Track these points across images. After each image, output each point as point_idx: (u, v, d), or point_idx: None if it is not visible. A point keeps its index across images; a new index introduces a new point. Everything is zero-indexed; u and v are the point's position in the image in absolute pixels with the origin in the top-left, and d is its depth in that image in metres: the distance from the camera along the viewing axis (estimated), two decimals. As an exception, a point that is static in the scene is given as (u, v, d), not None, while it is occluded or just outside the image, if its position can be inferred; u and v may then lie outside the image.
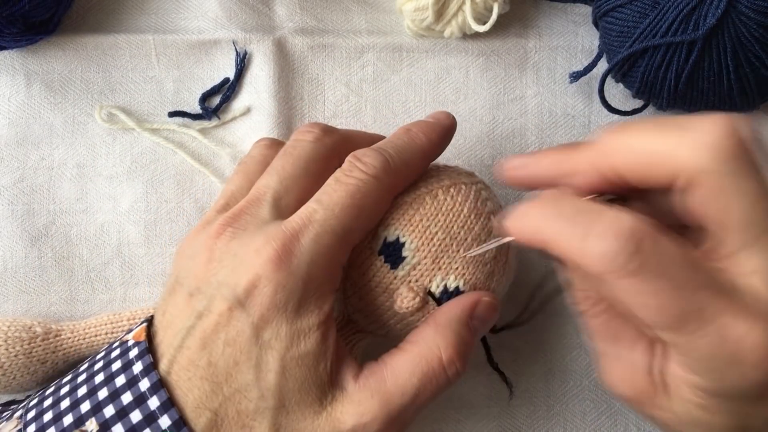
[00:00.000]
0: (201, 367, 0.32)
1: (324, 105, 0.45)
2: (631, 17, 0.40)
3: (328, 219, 0.33)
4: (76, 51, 0.44)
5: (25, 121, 0.44)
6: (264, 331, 0.32)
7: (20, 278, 0.43)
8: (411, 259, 0.35)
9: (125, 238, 0.44)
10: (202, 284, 0.33)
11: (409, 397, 0.33)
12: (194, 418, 0.32)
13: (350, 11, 0.46)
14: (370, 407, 0.32)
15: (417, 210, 0.35)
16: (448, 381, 0.34)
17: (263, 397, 0.32)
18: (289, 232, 0.32)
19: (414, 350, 0.34)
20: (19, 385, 0.40)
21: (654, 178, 0.28)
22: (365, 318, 0.36)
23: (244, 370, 0.32)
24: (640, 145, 0.28)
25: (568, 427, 0.44)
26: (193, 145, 0.45)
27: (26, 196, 0.44)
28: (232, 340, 0.32)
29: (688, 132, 0.27)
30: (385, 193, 0.35)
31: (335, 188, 0.34)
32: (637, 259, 0.26)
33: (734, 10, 0.38)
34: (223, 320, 0.32)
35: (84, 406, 0.33)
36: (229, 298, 0.32)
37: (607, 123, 0.45)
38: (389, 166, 0.35)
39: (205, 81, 0.45)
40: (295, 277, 0.32)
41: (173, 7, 0.45)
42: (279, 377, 0.32)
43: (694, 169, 0.26)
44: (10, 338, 0.39)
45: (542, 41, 0.46)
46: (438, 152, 0.38)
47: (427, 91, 0.45)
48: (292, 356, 0.32)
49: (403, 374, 0.33)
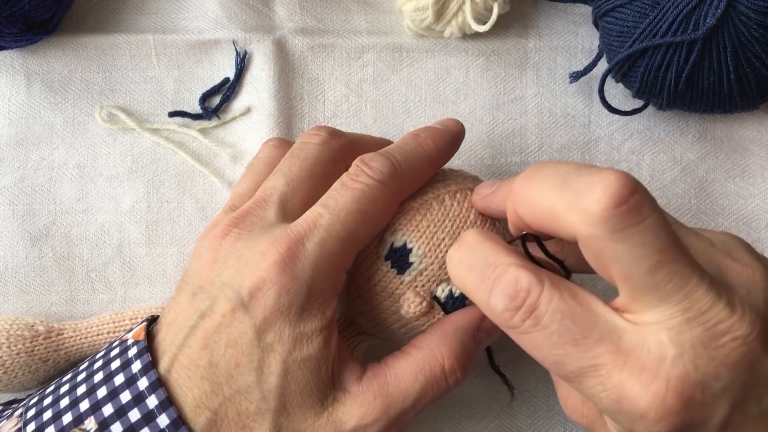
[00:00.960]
0: (202, 366, 0.32)
1: (324, 105, 0.45)
2: (631, 17, 0.40)
3: (334, 224, 0.33)
4: (76, 51, 0.44)
5: (25, 121, 0.44)
6: (266, 334, 0.32)
7: (21, 278, 0.43)
8: (418, 264, 0.35)
9: (126, 239, 0.44)
10: (206, 284, 0.33)
11: (410, 401, 0.33)
12: (193, 418, 0.32)
13: (350, 11, 0.46)
14: (373, 409, 0.33)
15: (424, 216, 0.35)
16: (448, 388, 0.34)
17: (264, 399, 0.32)
18: (294, 236, 0.33)
19: (418, 356, 0.34)
20: (20, 383, 0.40)
21: (555, 232, 0.29)
22: (369, 321, 0.37)
23: (245, 371, 0.32)
24: (539, 201, 0.29)
25: (568, 427, 0.44)
26: (194, 145, 0.45)
27: (27, 196, 0.44)
28: (234, 341, 0.32)
29: (579, 196, 0.27)
30: (391, 198, 0.35)
31: (341, 193, 0.34)
32: (532, 320, 0.28)
33: (734, 10, 0.38)
34: (225, 321, 0.32)
35: (83, 405, 0.33)
36: (233, 300, 0.32)
37: (607, 123, 0.45)
38: (396, 172, 0.35)
39: (205, 81, 0.45)
40: (299, 281, 0.32)
41: (173, 7, 0.45)
42: (281, 380, 0.32)
43: (581, 234, 0.27)
44: (12, 336, 0.40)
45: (542, 41, 0.46)
46: (445, 159, 0.38)
47: (427, 91, 0.45)
48: (294, 359, 0.32)
49: (406, 379, 0.33)
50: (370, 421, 0.33)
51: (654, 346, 0.27)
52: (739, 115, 0.45)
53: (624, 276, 0.27)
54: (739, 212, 0.45)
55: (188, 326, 0.33)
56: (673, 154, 0.45)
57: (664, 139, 0.45)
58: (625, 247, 0.27)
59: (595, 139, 0.45)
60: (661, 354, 0.27)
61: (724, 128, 0.46)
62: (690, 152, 0.45)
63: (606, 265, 0.28)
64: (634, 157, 0.45)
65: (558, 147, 0.45)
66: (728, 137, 0.45)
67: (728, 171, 0.45)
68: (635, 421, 0.27)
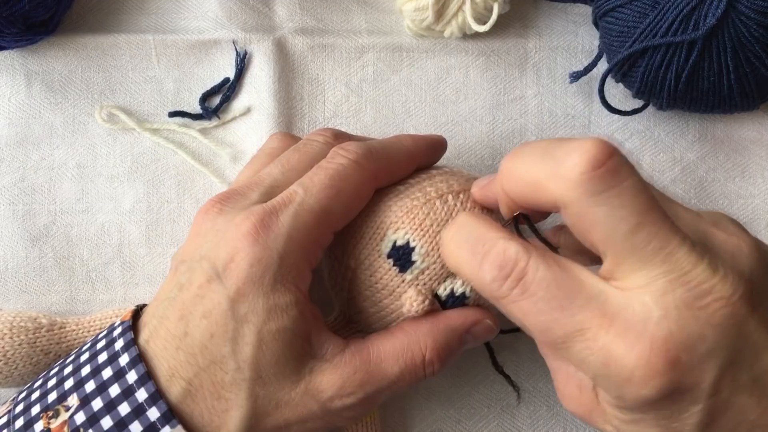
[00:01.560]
0: (177, 337, 0.33)
1: (324, 105, 0.45)
2: (631, 17, 0.40)
3: (307, 199, 0.34)
4: (76, 51, 0.44)
5: (25, 121, 0.44)
6: (240, 305, 0.32)
7: (21, 278, 0.43)
8: (420, 263, 0.35)
9: (126, 238, 0.44)
10: (187, 257, 0.34)
11: (387, 382, 0.34)
12: (168, 387, 0.33)
13: (350, 11, 0.46)
14: (352, 382, 0.33)
15: (427, 215, 0.35)
16: (424, 377, 0.35)
17: (239, 369, 0.32)
18: (268, 208, 0.33)
19: (404, 340, 0.35)
20: (20, 375, 0.40)
21: (539, 204, 0.30)
22: (368, 319, 0.37)
23: (219, 342, 0.32)
24: (522, 174, 0.30)
25: (568, 427, 0.44)
26: (194, 145, 0.45)
27: (27, 196, 0.44)
28: (208, 312, 0.33)
29: (558, 163, 0.28)
30: (365, 178, 0.35)
31: (316, 172, 0.35)
32: (519, 288, 0.29)
33: (734, 10, 0.38)
34: (201, 292, 0.33)
35: (68, 383, 0.34)
36: (208, 271, 0.33)
37: (607, 123, 0.45)
38: (371, 154, 0.36)
39: (205, 81, 0.45)
40: (271, 252, 0.33)
41: (173, 7, 0.45)
42: (256, 350, 0.32)
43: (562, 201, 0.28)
44: (15, 327, 0.40)
45: (542, 41, 0.46)
46: (426, 158, 0.38)
47: (427, 91, 0.45)
48: (269, 330, 0.32)
49: (387, 359, 0.34)
50: (347, 393, 0.33)
51: (638, 308, 0.27)
52: (739, 115, 0.45)
53: (605, 240, 0.28)
54: (739, 212, 0.45)
55: (168, 298, 0.34)
56: (673, 154, 0.45)
57: (664, 139, 0.45)
58: (605, 210, 0.27)
59: (595, 139, 0.45)
60: (645, 315, 0.27)
61: (724, 128, 0.46)
62: (690, 152, 0.45)
63: (588, 230, 0.28)
64: (634, 157, 0.45)
65: (558, 147, 0.45)
66: (728, 137, 0.45)
67: (728, 171, 0.45)
68: (623, 386, 0.27)
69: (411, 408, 0.43)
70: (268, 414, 0.33)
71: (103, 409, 0.32)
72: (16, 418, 0.33)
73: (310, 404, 0.33)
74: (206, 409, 0.33)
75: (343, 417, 0.34)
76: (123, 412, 0.32)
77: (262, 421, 0.33)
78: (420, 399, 0.44)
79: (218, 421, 0.33)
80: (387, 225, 0.36)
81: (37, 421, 0.33)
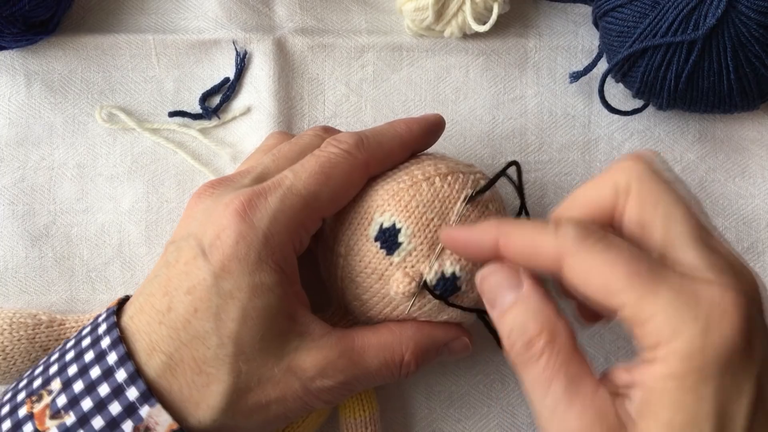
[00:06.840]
0: (161, 312, 0.33)
1: (324, 105, 0.45)
2: (631, 17, 0.40)
3: (296, 183, 0.35)
4: (76, 51, 0.44)
5: (25, 121, 0.44)
6: (224, 281, 0.33)
7: (21, 278, 0.43)
8: (407, 245, 0.35)
9: (126, 238, 0.44)
10: (177, 237, 0.35)
11: (365, 372, 0.35)
12: (147, 361, 0.33)
13: (350, 11, 0.46)
14: (335, 365, 0.34)
15: (413, 196, 0.35)
16: (399, 376, 0.36)
17: (222, 345, 0.33)
18: (258, 190, 0.34)
19: (387, 338, 0.36)
20: (18, 371, 0.40)
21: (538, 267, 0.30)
22: (361, 307, 0.37)
23: (203, 317, 0.33)
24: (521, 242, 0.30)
25: (568, 427, 0.44)
26: (194, 145, 0.45)
27: (27, 196, 0.44)
28: (193, 287, 0.33)
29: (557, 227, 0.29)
30: (356, 167, 0.36)
31: (308, 159, 0.36)
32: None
33: (734, 10, 0.38)
34: (186, 268, 0.33)
35: (52, 369, 0.34)
36: (194, 248, 0.33)
37: (607, 123, 0.45)
38: (362, 143, 0.36)
39: (205, 81, 0.45)
40: (256, 230, 0.33)
41: (173, 7, 0.45)
42: (239, 326, 0.33)
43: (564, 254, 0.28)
44: (15, 323, 0.40)
45: (542, 41, 0.46)
46: (420, 143, 0.38)
47: (427, 90, 0.45)
48: (254, 306, 0.33)
49: (369, 351, 0.35)
50: (329, 374, 0.34)
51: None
52: (739, 115, 0.45)
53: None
54: (739, 212, 0.45)
55: (155, 276, 0.35)
56: (673, 154, 0.45)
57: (664, 139, 0.45)
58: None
59: (595, 139, 0.45)
60: None
61: (724, 128, 0.46)
62: (690, 152, 0.45)
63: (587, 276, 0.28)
64: (634, 157, 0.45)
65: (558, 147, 0.45)
66: (728, 137, 0.45)
67: (728, 171, 0.45)
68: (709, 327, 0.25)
69: (411, 407, 0.44)
70: (250, 389, 0.33)
71: (84, 391, 0.32)
72: (2, 406, 0.34)
73: (292, 382, 0.34)
74: (186, 383, 0.33)
75: (321, 399, 0.35)
76: (103, 393, 0.32)
77: (244, 396, 0.33)
78: (420, 398, 0.44)
79: (198, 395, 0.33)
80: (374, 209, 0.36)
81: (22, 406, 0.33)
